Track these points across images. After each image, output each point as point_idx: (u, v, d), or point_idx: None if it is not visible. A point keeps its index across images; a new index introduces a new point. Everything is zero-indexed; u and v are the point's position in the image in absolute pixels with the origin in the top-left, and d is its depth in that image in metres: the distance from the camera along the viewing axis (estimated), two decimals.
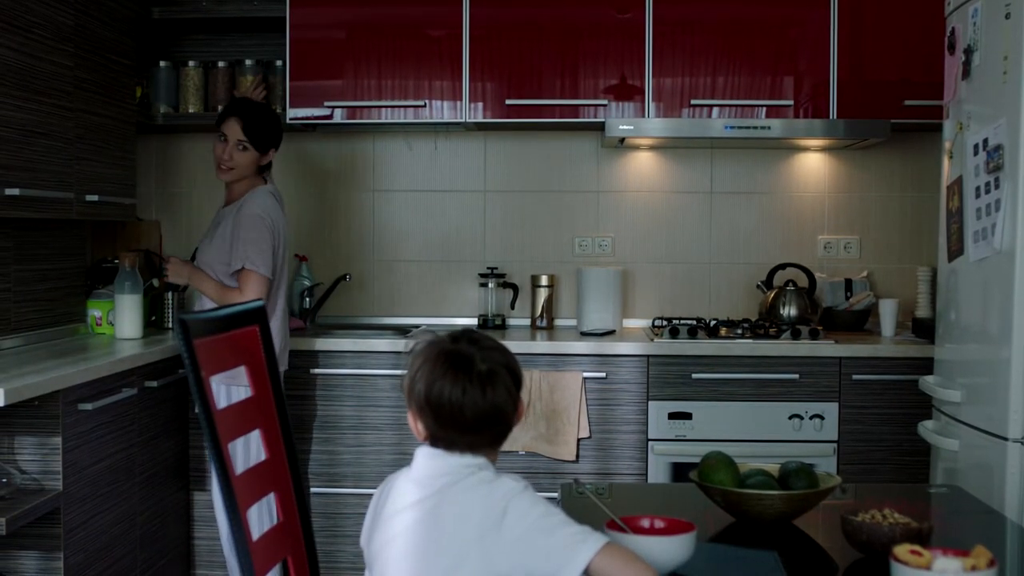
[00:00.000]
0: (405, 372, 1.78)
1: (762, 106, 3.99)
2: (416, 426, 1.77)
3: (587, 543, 1.62)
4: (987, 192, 2.91)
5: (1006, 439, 2.80)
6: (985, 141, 2.94)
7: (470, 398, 1.70)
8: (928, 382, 3.35)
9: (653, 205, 4.41)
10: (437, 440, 1.75)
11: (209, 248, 3.53)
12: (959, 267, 3.13)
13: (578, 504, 2.20)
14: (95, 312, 3.92)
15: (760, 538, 2.03)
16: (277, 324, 3.54)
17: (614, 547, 1.64)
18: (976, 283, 3.02)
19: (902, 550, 1.63)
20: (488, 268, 4.37)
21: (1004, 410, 2.81)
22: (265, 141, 3.54)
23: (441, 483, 1.71)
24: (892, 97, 3.95)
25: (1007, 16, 2.83)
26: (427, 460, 1.76)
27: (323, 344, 3.83)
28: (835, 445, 3.75)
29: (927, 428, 3.33)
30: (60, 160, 3.39)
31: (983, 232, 2.93)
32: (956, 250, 3.14)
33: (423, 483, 1.74)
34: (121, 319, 3.72)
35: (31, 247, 3.69)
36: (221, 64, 4.26)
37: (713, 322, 4.01)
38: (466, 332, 1.78)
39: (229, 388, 3.18)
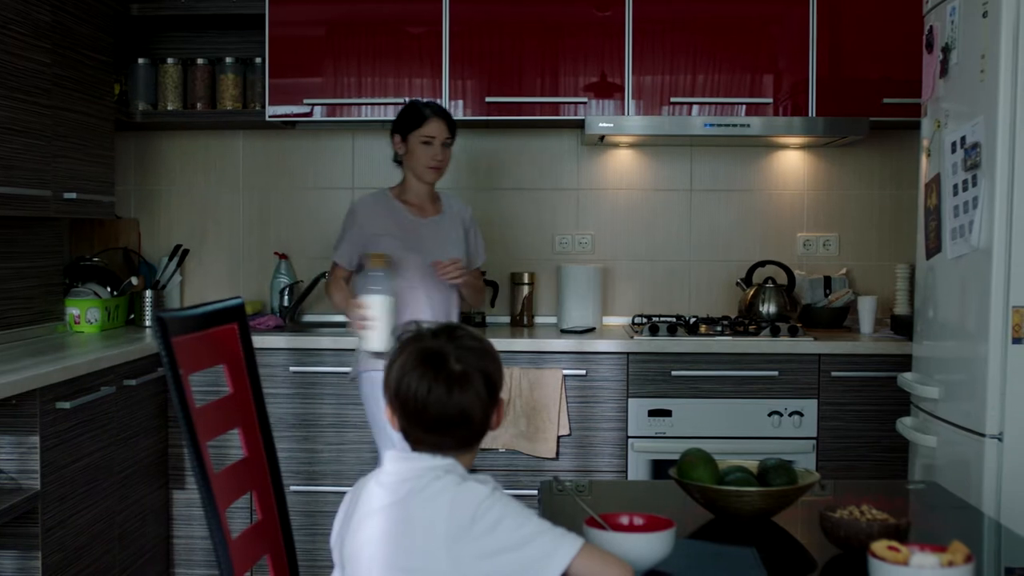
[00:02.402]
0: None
1: (742, 104, 4.00)
2: (393, 418, 1.74)
3: (562, 548, 1.60)
4: (964, 190, 2.93)
5: (983, 435, 2.82)
6: (963, 139, 2.95)
7: (435, 396, 1.67)
8: (906, 379, 3.36)
9: (633, 203, 4.42)
10: (407, 435, 1.73)
11: (444, 255, 3.40)
12: (937, 264, 3.14)
13: (558, 501, 2.20)
14: (73, 310, 3.89)
15: (739, 535, 2.04)
16: None
17: (590, 549, 1.62)
18: (954, 280, 3.04)
19: (880, 546, 1.63)
20: None
21: (981, 406, 2.82)
22: None
23: (407, 488, 1.67)
24: (871, 95, 3.96)
25: (984, 15, 2.84)
26: (394, 463, 1.73)
27: (302, 342, 3.81)
28: (814, 442, 3.76)
29: (905, 424, 3.35)
30: (38, 157, 3.37)
31: (961, 229, 2.95)
32: (934, 247, 3.15)
33: (390, 487, 1.70)
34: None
35: (8, 245, 3.66)
36: (200, 61, 4.24)
37: (693, 319, 4.01)
38: (450, 327, 1.74)
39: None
